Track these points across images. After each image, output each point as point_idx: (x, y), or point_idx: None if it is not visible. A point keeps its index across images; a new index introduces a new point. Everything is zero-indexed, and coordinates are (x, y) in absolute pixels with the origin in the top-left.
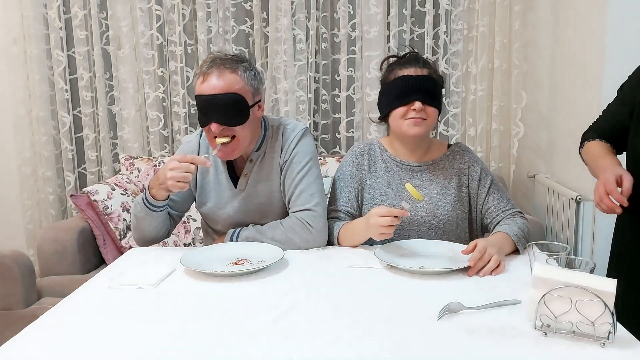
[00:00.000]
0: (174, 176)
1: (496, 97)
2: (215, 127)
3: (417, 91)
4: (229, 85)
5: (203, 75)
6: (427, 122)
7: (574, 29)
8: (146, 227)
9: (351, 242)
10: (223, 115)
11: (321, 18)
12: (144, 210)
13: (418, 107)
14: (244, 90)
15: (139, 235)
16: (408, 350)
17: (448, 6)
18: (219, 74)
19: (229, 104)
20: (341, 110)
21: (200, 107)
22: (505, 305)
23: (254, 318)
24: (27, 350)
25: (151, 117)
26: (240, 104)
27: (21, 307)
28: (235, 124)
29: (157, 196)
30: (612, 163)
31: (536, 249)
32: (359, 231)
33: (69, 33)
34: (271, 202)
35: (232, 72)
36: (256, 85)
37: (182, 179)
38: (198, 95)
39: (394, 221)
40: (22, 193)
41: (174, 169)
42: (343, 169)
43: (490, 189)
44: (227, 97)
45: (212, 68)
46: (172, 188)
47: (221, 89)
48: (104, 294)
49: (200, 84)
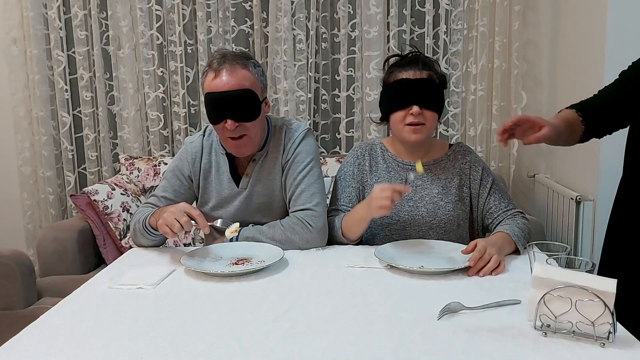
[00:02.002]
0: (167, 219)
1: (496, 97)
2: (231, 123)
3: (416, 95)
4: (242, 81)
5: (215, 71)
6: (426, 127)
7: (574, 29)
8: (143, 243)
9: (354, 225)
10: (237, 111)
11: (321, 18)
12: (141, 230)
13: (416, 112)
14: (255, 86)
15: (137, 244)
16: (408, 350)
17: (448, 6)
18: (231, 70)
19: (242, 100)
20: (341, 110)
21: (212, 104)
22: (505, 305)
23: (254, 318)
24: (27, 350)
25: (151, 117)
26: (252, 100)
27: (21, 307)
28: (250, 120)
29: (153, 224)
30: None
31: (536, 249)
32: (361, 210)
33: (69, 33)
34: (272, 201)
35: (244, 68)
36: (264, 82)
37: (169, 225)
38: (210, 92)
39: (394, 196)
40: (22, 193)
41: (173, 213)
42: (344, 169)
43: (491, 189)
44: (241, 93)
45: (223, 64)
46: (159, 227)
47: (234, 85)
48: (104, 294)
49: (212, 81)
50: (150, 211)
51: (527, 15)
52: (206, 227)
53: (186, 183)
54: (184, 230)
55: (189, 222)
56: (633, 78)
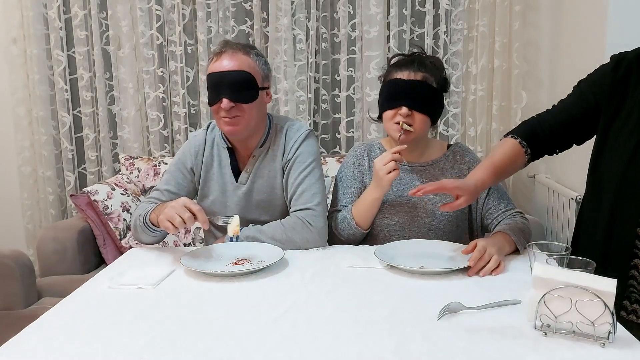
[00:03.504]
0: (168, 213)
1: (496, 97)
2: (226, 102)
3: (406, 96)
4: (240, 64)
5: (216, 55)
6: (413, 132)
7: (574, 29)
8: (144, 239)
9: (367, 210)
10: (233, 91)
11: (321, 18)
12: (142, 226)
13: (404, 113)
14: (254, 71)
15: (137, 240)
16: (408, 350)
17: (448, 6)
18: (232, 54)
19: (239, 80)
20: (341, 110)
21: (211, 84)
22: (505, 305)
23: (254, 318)
24: (27, 350)
25: (151, 117)
26: (250, 83)
27: (21, 307)
28: (245, 101)
29: (153, 220)
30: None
31: (536, 249)
32: (372, 192)
33: (69, 33)
34: (272, 199)
35: (245, 54)
36: (266, 72)
37: (170, 219)
38: (210, 73)
39: (395, 157)
40: (22, 193)
41: (174, 207)
42: (345, 170)
43: (490, 189)
44: (238, 74)
45: (225, 49)
46: (160, 223)
47: (233, 66)
48: (104, 294)
49: (213, 63)
50: (151, 207)
51: (527, 15)
52: (205, 223)
53: (188, 176)
54: (185, 225)
55: (192, 217)
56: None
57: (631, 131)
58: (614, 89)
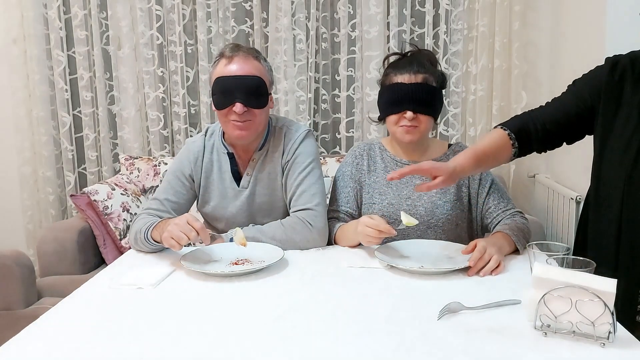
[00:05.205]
0: (173, 232)
1: (496, 97)
2: (240, 107)
3: (409, 100)
4: (253, 69)
5: (227, 58)
6: (419, 129)
7: (574, 29)
8: (143, 250)
9: (346, 240)
10: (248, 96)
11: (321, 18)
12: (142, 240)
13: (409, 117)
14: (265, 77)
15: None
16: (408, 350)
17: (448, 6)
18: (245, 58)
19: (252, 86)
20: (341, 110)
21: (223, 88)
22: (505, 305)
23: (254, 318)
24: (27, 350)
25: (151, 117)
26: (262, 88)
27: (21, 307)
28: (257, 106)
29: (156, 238)
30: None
31: (536, 249)
32: (350, 235)
33: (69, 33)
34: (273, 201)
35: (255, 59)
36: (271, 78)
37: (177, 238)
38: (221, 77)
39: (380, 234)
40: (22, 193)
41: (179, 225)
42: (343, 169)
43: (490, 189)
44: (251, 80)
45: (237, 52)
46: (164, 241)
47: (247, 71)
48: (104, 294)
49: (225, 66)
50: (152, 221)
51: (527, 15)
52: (207, 240)
53: (187, 183)
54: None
55: (197, 236)
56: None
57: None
58: (609, 92)
